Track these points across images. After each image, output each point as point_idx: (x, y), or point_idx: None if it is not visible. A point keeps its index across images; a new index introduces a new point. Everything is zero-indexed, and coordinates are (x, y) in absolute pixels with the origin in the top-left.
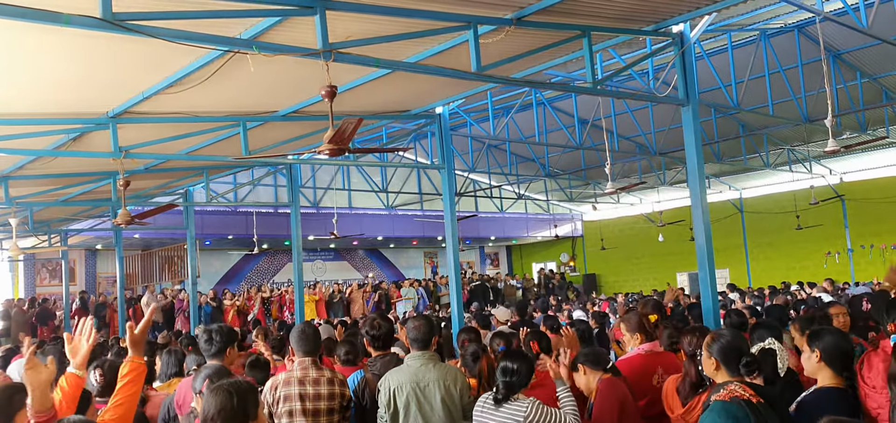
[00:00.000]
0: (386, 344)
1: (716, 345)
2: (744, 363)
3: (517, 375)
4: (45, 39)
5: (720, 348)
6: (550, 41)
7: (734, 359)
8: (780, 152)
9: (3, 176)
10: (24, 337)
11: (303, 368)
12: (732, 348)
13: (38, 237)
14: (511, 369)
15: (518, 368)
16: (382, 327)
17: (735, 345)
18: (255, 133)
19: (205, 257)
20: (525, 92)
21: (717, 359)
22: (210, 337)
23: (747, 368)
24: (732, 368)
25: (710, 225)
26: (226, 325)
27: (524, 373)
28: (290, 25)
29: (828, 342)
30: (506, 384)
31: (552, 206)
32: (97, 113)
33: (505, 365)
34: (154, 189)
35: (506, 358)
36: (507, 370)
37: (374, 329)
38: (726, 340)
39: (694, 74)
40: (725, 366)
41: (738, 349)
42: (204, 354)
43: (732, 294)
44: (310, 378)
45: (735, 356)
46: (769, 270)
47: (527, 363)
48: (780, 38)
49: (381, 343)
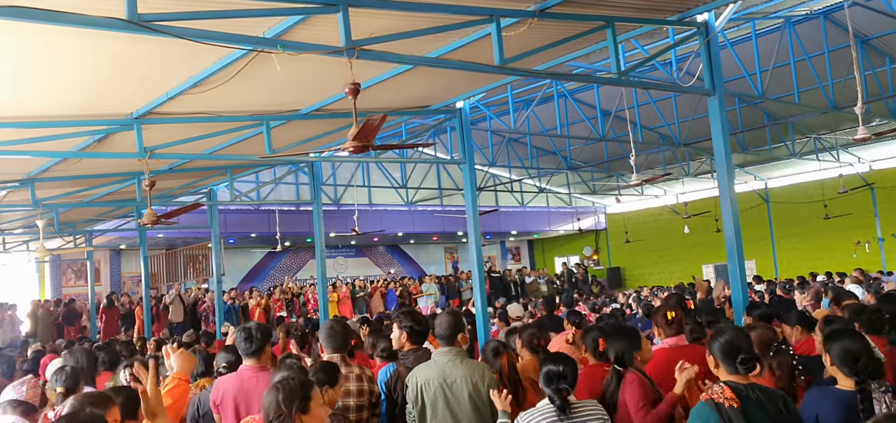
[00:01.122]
0: (423, 340)
1: (715, 342)
2: (741, 360)
3: (566, 378)
4: (70, 42)
5: (719, 345)
6: (573, 32)
7: (732, 357)
8: (807, 141)
9: (30, 178)
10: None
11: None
12: (731, 346)
13: (64, 238)
14: (559, 372)
15: (564, 370)
16: (424, 322)
17: (734, 343)
18: (278, 131)
19: (228, 255)
20: (546, 84)
21: (716, 357)
22: (250, 335)
23: (744, 365)
24: (730, 365)
25: (739, 216)
26: (263, 324)
27: (571, 373)
28: (313, 23)
29: (837, 348)
30: (558, 391)
31: (574, 199)
32: (122, 114)
33: (550, 370)
34: (178, 189)
35: (548, 362)
36: (555, 375)
37: (418, 324)
38: (725, 337)
39: (719, 63)
40: (724, 363)
41: (737, 347)
42: (242, 352)
43: (758, 286)
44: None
45: (733, 354)
46: (796, 260)
47: (570, 363)
48: (806, 25)
49: (420, 339)
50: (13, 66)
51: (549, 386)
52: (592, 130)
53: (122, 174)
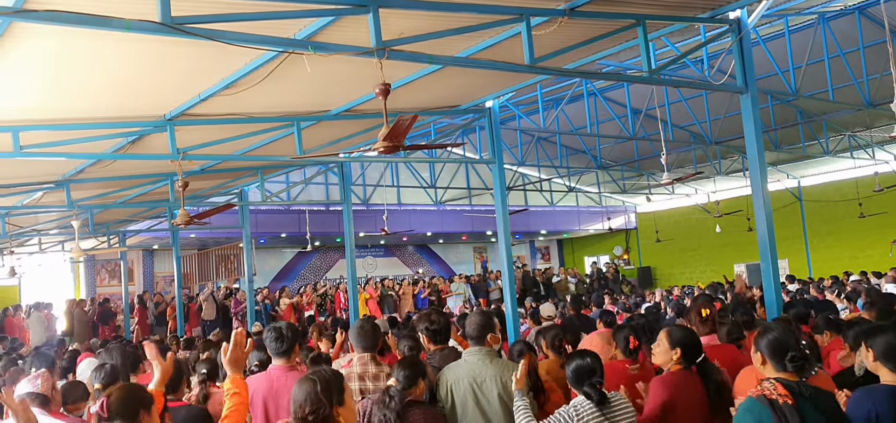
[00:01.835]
0: (444, 338)
1: (763, 339)
2: (790, 358)
3: (596, 372)
4: (104, 45)
5: (767, 342)
6: (603, 31)
7: (780, 355)
8: (841, 139)
9: (65, 179)
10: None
11: (362, 363)
12: (779, 344)
13: (98, 239)
14: (589, 367)
15: (592, 364)
16: (439, 321)
17: (783, 340)
18: (308, 132)
19: (259, 255)
20: (575, 83)
21: (763, 354)
22: (281, 335)
23: (794, 363)
24: (779, 363)
25: (772, 215)
26: (293, 324)
27: (599, 367)
28: (343, 24)
29: (881, 341)
30: (593, 385)
31: (604, 198)
32: (155, 116)
33: (579, 366)
34: (210, 189)
35: (576, 358)
36: (585, 370)
37: (433, 324)
38: (774, 334)
39: (751, 60)
40: (772, 361)
41: (786, 345)
42: (272, 352)
43: (791, 285)
44: (369, 374)
45: (781, 352)
46: (830, 260)
47: (596, 357)
48: (841, 21)
49: (439, 337)
50: (49, 70)
51: (582, 383)
52: (622, 129)
53: (155, 175)
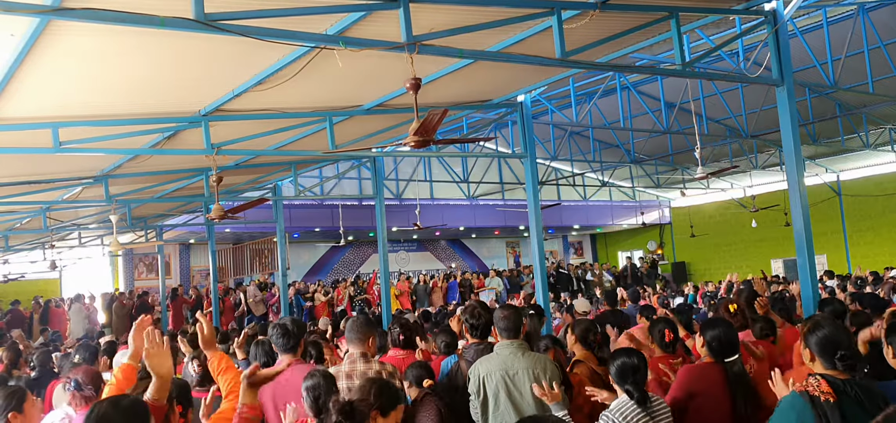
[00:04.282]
0: (484, 333)
1: (812, 336)
2: (840, 356)
3: (640, 370)
4: (140, 42)
5: (817, 340)
6: (636, 24)
7: (830, 352)
8: (881, 132)
9: (104, 175)
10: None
11: (350, 361)
12: (830, 341)
13: (136, 233)
14: (634, 365)
15: (638, 363)
16: (482, 316)
17: (833, 338)
18: (341, 127)
19: (293, 249)
20: (608, 76)
21: (812, 350)
22: (286, 331)
23: (843, 362)
24: (828, 361)
25: (809, 210)
26: (298, 319)
27: (644, 366)
28: (374, 19)
29: None
30: (636, 384)
31: (638, 192)
32: (189, 112)
33: (625, 363)
34: (244, 184)
35: (621, 356)
36: (630, 368)
37: (474, 318)
38: (824, 332)
39: (788, 52)
40: (821, 358)
41: (836, 342)
42: (279, 348)
43: (830, 281)
44: (357, 372)
45: (832, 350)
46: (870, 256)
47: (641, 355)
48: (880, 12)
49: (479, 332)
50: (86, 67)
51: (626, 381)
52: (656, 123)
53: (190, 170)
